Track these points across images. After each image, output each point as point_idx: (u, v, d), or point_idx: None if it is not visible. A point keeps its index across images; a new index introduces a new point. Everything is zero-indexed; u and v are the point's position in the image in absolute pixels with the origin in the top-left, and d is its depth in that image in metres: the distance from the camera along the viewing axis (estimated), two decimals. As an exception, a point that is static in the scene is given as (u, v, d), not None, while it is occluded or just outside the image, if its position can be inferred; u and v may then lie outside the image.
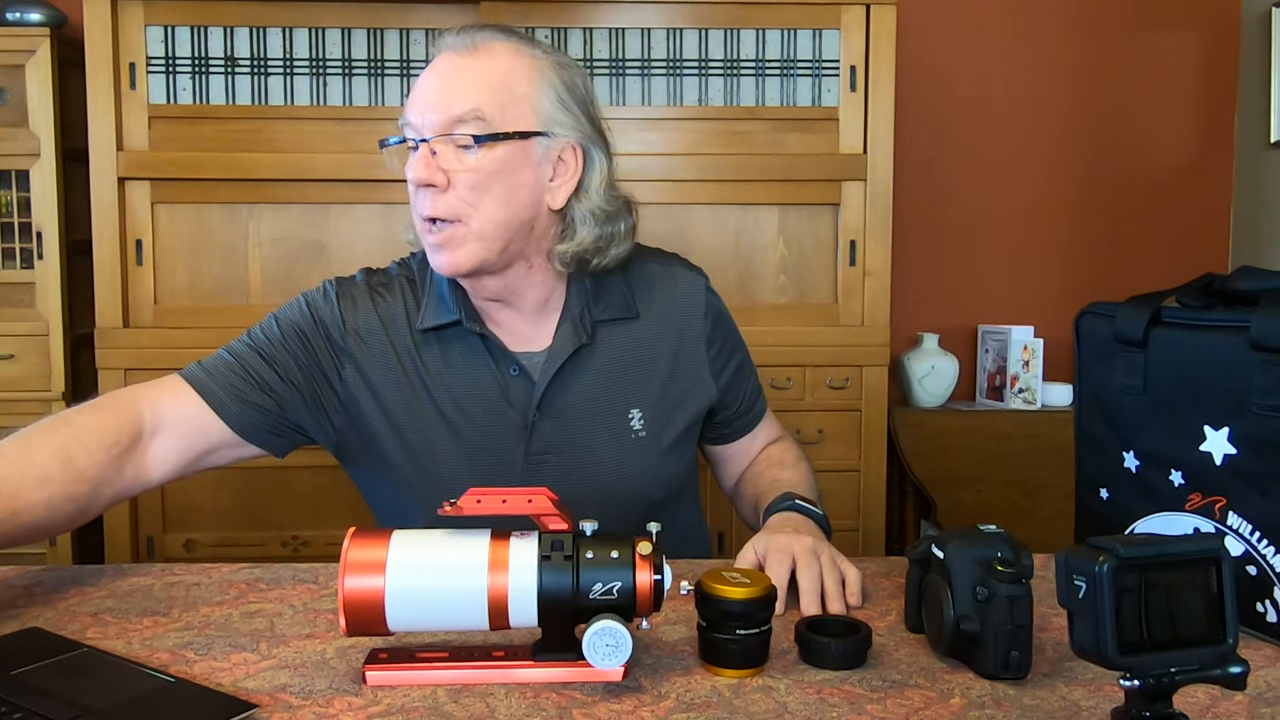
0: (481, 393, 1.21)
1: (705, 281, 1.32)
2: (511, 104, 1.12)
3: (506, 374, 1.21)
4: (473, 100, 1.10)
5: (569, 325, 1.22)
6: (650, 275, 1.29)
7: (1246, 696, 0.86)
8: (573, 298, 1.23)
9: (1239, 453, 1.00)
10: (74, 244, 2.50)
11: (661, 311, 1.27)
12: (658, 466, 1.25)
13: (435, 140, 1.11)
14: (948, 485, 2.71)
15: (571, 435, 1.22)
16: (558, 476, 1.19)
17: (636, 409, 1.24)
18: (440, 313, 1.21)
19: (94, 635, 0.99)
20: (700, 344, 1.29)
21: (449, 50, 1.14)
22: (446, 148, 1.11)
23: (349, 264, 2.44)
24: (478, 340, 1.21)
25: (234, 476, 2.43)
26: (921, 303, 2.97)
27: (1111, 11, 2.98)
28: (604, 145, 1.20)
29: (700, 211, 2.51)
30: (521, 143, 1.13)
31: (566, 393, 1.22)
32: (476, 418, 1.20)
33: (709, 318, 1.30)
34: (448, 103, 1.11)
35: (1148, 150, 3.03)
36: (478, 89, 1.11)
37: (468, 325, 1.20)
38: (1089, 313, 1.16)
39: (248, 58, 2.43)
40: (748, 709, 0.84)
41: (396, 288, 1.25)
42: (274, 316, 1.24)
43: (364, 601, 0.86)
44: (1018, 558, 0.89)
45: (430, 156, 1.11)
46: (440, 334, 1.22)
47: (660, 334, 1.26)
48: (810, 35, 2.48)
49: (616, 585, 0.86)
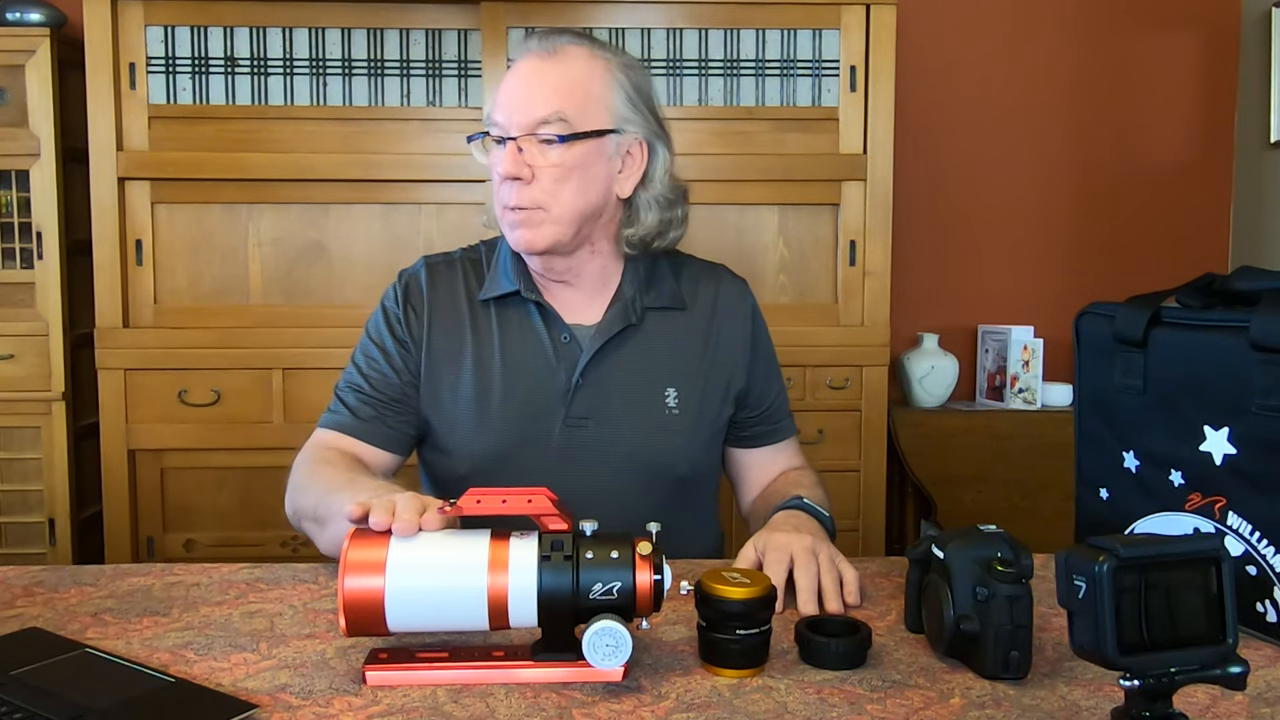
0: (533, 355, 1.30)
1: (748, 288, 1.42)
2: (589, 105, 1.24)
3: (559, 340, 1.31)
4: (555, 103, 1.22)
5: (620, 305, 1.32)
6: (698, 274, 1.39)
7: (1246, 696, 0.86)
8: (626, 283, 1.33)
9: (1239, 453, 1.00)
10: (74, 244, 2.50)
11: (705, 306, 1.37)
12: (686, 445, 1.32)
13: (522, 139, 1.22)
14: (948, 485, 2.71)
15: (609, 404, 1.29)
16: (593, 441, 1.28)
17: (673, 388, 1.32)
18: (502, 285, 1.32)
19: (94, 635, 0.99)
20: (738, 339, 1.37)
21: (531, 55, 1.25)
22: (531, 145, 1.22)
23: (349, 264, 2.46)
24: (534, 308, 1.31)
25: (234, 476, 2.43)
26: (921, 303, 2.97)
27: (1111, 12, 2.98)
28: (666, 138, 1.31)
29: (700, 211, 2.48)
30: (597, 140, 1.24)
31: (610, 365, 1.30)
32: (525, 378, 1.29)
33: (751, 319, 1.39)
34: (533, 104, 1.22)
35: (1148, 150, 3.02)
36: (559, 92, 1.22)
37: (526, 294, 1.30)
38: (1089, 313, 1.17)
39: (248, 58, 2.43)
40: (748, 709, 0.84)
41: (458, 266, 1.36)
42: (366, 334, 1.35)
43: (364, 601, 0.86)
44: (1018, 558, 0.90)
45: (517, 153, 1.22)
46: (501, 303, 1.32)
47: (704, 325, 1.36)
48: (810, 35, 2.48)
49: (616, 585, 0.86)
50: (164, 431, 2.42)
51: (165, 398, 2.42)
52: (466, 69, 2.46)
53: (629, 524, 0.94)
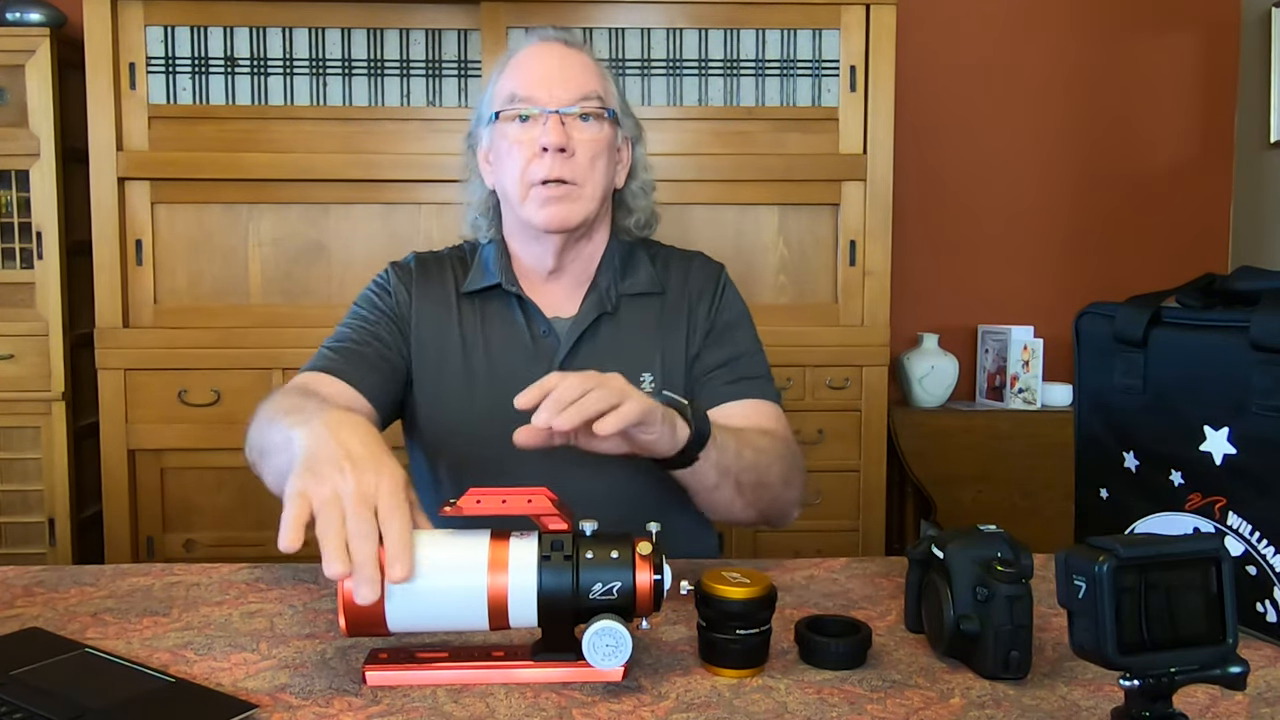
0: (513, 348, 1.32)
1: (723, 269, 1.43)
2: (610, 92, 1.31)
3: (537, 333, 1.33)
4: (594, 83, 1.29)
5: (595, 295, 1.34)
6: (673, 259, 1.42)
7: (1246, 696, 0.86)
8: (602, 273, 1.35)
9: (1239, 453, 1.00)
10: (74, 244, 2.50)
11: (678, 286, 1.38)
12: None
13: (565, 114, 1.25)
14: (948, 485, 2.71)
15: None
16: None
17: (648, 373, 1.33)
18: (484, 278, 1.35)
19: (94, 635, 0.99)
20: (706, 310, 1.38)
21: (556, 41, 1.32)
22: (571, 121, 1.26)
23: (349, 264, 2.46)
24: (515, 302, 1.34)
25: (234, 476, 2.43)
26: (921, 303, 2.97)
27: (1111, 11, 2.98)
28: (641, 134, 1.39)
29: (700, 211, 2.51)
30: (616, 126, 1.32)
31: (586, 356, 1.31)
32: (505, 369, 1.30)
33: (721, 291, 1.39)
34: (574, 81, 1.27)
35: (1148, 150, 3.02)
36: (593, 74, 1.30)
37: (506, 287, 1.33)
38: (1089, 313, 1.16)
39: (247, 58, 2.43)
40: (748, 709, 0.84)
41: (446, 262, 1.40)
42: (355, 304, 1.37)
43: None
44: (1018, 558, 0.90)
45: (560, 126, 1.25)
46: (483, 296, 1.35)
47: (678, 306, 1.37)
48: (810, 35, 2.48)
49: (616, 585, 0.86)
50: (164, 431, 2.42)
51: (165, 398, 2.42)
52: (466, 69, 2.46)
53: (621, 521, 0.93)
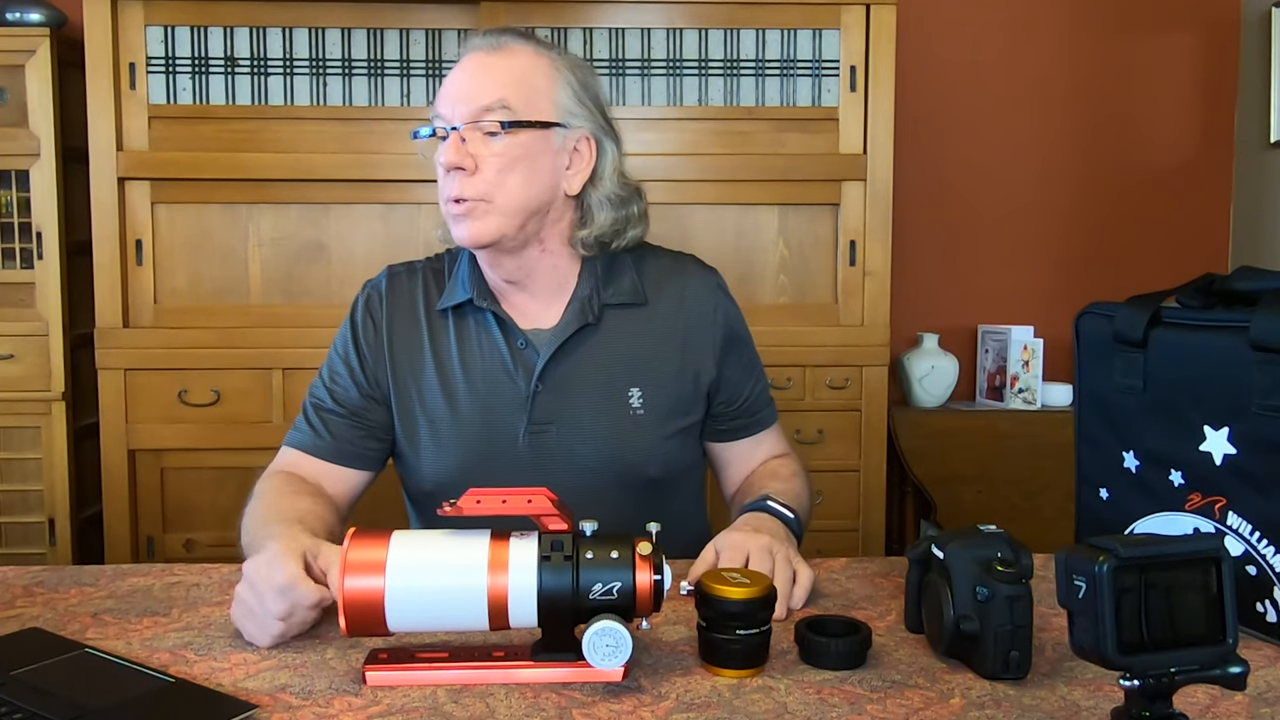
0: (489, 364, 1.29)
1: (718, 279, 1.38)
2: (533, 97, 1.22)
3: (514, 346, 1.29)
4: (499, 92, 1.21)
5: (576, 305, 1.29)
6: (663, 268, 1.35)
7: (1246, 696, 0.86)
8: (583, 282, 1.30)
9: (1239, 453, 1.00)
10: (74, 244, 2.50)
11: (671, 301, 1.33)
12: (654, 445, 1.29)
13: (465, 129, 1.21)
14: (948, 485, 2.71)
15: (571, 407, 1.27)
16: (558, 446, 1.27)
17: (636, 388, 1.29)
18: (458, 294, 1.31)
19: (94, 635, 0.99)
20: (707, 332, 1.33)
21: (477, 50, 1.25)
22: (475, 135, 1.21)
23: (349, 264, 2.46)
24: (489, 317, 1.30)
25: (234, 477, 2.43)
26: (921, 303, 2.97)
27: (1111, 11, 2.98)
28: (615, 137, 1.30)
29: (700, 211, 2.50)
30: (542, 132, 1.22)
31: (568, 368, 1.28)
32: (483, 387, 1.28)
33: (719, 312, 1.34)
34: (476, 94, 1.21)
35: (1148, 150, 3.02)
36: (503, 83, 1.21)
37: (478, 302, 1.29)
38: (1089, 313, 1.16)
39: (248, 58, 2.43)
40: (748, 709, 0.84)
41: (419, 275, 1.35)
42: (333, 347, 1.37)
43: (364, 602, 0.86)
44: (1018, 558, 0.90)
45: (460, 143, 1.21)
46: (457, 312, 1.31)
47: (669, 322, 1.32)
48: (810, 35, 2.48)
49: (616, 585, 0.86)
50: (164, 431, 2.42)
51: (165, 398, 2.42)
52: (466, 69, 2.45)
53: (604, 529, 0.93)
